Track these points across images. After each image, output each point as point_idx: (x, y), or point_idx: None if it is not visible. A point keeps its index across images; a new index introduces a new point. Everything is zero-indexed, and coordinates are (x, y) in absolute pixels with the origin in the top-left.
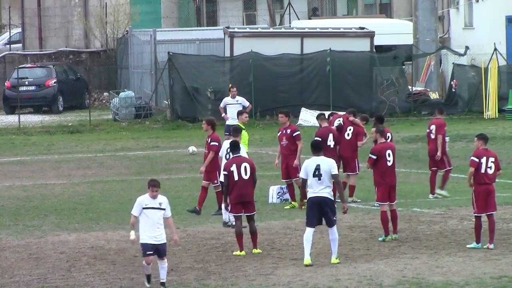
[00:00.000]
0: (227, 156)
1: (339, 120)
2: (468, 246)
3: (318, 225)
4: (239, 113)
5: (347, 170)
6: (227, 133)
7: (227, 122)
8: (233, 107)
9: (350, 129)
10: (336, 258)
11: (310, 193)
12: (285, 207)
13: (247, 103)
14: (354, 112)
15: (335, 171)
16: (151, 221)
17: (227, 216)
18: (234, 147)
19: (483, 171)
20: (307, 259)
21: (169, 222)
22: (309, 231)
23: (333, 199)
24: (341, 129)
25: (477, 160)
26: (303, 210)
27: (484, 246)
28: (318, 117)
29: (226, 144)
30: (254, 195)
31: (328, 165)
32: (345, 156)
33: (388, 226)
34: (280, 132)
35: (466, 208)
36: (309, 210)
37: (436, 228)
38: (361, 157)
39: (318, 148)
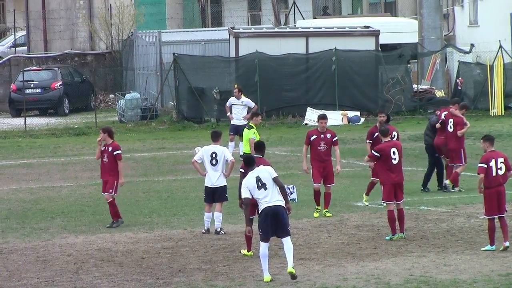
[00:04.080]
0: (213, 162)
1: (444, 114)
2: (482, 249)
3: (273, 237)
4: (254, 115)
5: (454, 162)
6: (232, 133)
7: (232, 122)
8: (237, 108)
9: (451, 121)
10: (293, 267)
11: (263, 204)
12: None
13: (252, 104)
14: (458, 102)
15: (274, 174)
16: None
17: (207, 224)
18: (248, 162)
19: (494, 174)
20: (266, 276)
21: None
22: (264, 246)
23: (285, 206)
24: (444, 123)
25: (485, 166)
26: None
27: (500, 249)
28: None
29: (209, 148)
30: None
31: (266, 172)
32: (452, 148)
33: (395, 225)
34: (317, 136)
35: (473, 206)
36: (264, 222)
37: (443, 226)
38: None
39: (250, 163)
